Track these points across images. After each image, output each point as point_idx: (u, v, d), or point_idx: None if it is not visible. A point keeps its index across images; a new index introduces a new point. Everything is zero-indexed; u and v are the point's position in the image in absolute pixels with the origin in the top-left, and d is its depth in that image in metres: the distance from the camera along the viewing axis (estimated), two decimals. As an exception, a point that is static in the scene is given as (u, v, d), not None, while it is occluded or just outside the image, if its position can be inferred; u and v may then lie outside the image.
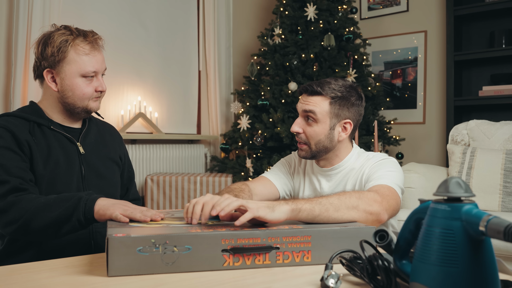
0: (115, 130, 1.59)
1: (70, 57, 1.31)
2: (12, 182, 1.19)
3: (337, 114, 1.40)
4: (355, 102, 1.43)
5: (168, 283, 0.84)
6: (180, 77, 3.96)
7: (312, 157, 1.45)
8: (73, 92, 1.33)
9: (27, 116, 1.32)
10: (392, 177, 1.32)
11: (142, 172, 3.48)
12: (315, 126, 1.40)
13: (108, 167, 1.44)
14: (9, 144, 1.25)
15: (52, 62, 1.31)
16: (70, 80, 1.32)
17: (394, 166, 1.38)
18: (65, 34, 1.31)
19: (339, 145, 1.45)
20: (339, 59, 3.39)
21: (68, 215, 1.14)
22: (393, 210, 1.26)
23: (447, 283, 0.62)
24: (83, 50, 1.32)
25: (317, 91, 1.40)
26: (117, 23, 3.47)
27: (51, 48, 1.30)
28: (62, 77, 1.32)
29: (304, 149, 1.44)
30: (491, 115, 3.28)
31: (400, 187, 1.33)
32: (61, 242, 1.29)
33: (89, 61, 1.32)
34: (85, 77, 1.33)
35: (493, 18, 3.46)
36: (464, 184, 0.64)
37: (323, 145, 1.41)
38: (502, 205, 2.41)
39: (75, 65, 1.31)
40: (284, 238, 0.94)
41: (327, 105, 1.39)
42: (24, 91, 2.77)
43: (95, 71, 1.34)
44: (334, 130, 1.41)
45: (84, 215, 1.13)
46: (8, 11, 2.82)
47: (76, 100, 1.34)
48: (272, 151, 3.49)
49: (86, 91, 1.34)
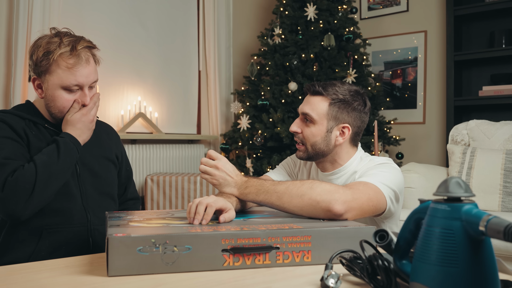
0: (112, 130, 1.58)
1: (53, 69, 1.28)
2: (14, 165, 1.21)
3: (336, 117, 1.37)
4: (357, 107, 1.39)
5: (168, 283, 0.84)
6: (180, 77, 3.96)
7: (309, 159, 1.43)
8: (54, 103, 1.31)
9: (22, 114, 1.33)
10: (381, 177, 1.27)
11: (142, 172, 3.48)
12: (312, 127, 1.39)
13: (104, 166, 1.44)
14: (8, 134, 1.26)
15: (37, 71, 1.30)
16: (52, 91, 1.30)
17: (389, 169, 1.32)
18: (52, 43, 1.28)
19: (338, 150, 1.41)
20: (339, 59, 3.39)
21: (71, 164, 1.28)
22: (361, 206, 1.18)
23: (447, 283, 0.63)
24: (66, 64, 1.27)
25: (319, 91, 1.39)
26: (117, 23, 3.47)
27: (36, 56, 1.29)
28: (45, 86, 1.30)
29: (301, 149, 1.43)
30: (491, 115, 3.28)
31: (389, 188, 1.27)
32: (59, 239, 1.30)
33: (71, 75, 1.28)
34: (68, 90, 1.30)
35: (493, 18, 3.46)
36: (464, 184, 0.64)
37: (319, 147, 1.38)
38: (502, 205, 2.41)
39: (57, 77, 1.28)
40: (284, 238, 0.94)
41: (326, 106, 1.37)
42: (24, 91, 2.77)
43: (78, 85, 1.30)
44: (331, 133, 1.38)
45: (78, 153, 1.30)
46: (8, 11, 2.82)
47: (57, 111, 1.32)
48: (272, 151, 3.49)
49: (67, 104, 1.31)
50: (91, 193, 1.38)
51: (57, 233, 1.30)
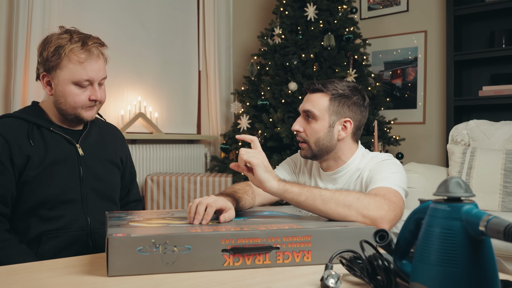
0: (118, 131, 1.57)
1: (64, 63, 1.28)
2: None
3: (337, 112, 1.40)
4: (356, 101, 1.42)
5: (168, 283, 0.84)
6: (180, 77, 3.96)
7: (313, 157, 1.44)
8: (65, 99, 1.31)
9: (27, 117, 1.32)
10: (397, 180, 1.29)
11: (142, 172, 3.48)
12: (314, 124, 1.40)
13: (107, 170, 1.43)
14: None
15: (47, 66, 1.30)
16: (63, 86, 1.30)
17: (398, 167, 1.35)
18: (63, 39, 1.29)
19: (341, 145, 1.42)
20: (339, 59, 3.39)
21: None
22: (397, 219, 1.21)
23: (447, 283, 0.62)
24: (77, 58, 1.28)
25: (318, 88, 1.41)
26: (117, 23, 3.47)
27: (47, 52, 1.29)
28: (55, 82, 1.30)
29: (304, 147, 1.43)
30: (491, 115, 3.28)
31: (404, 190, 1.30)
32: (59, 244, 1.29)
33: (82, 70, 1.29)
34: (79, 85, 1.30)
35: (493, 18, 3.46)
36: (464, 184, 0.64)
37: (323, 143, 1.40)
38: (502, 205, 2.41)
39: (68, 72, 1.28)
40: (284, 238, 0.94)
41: (326, 101, 1.40)
42: (24, 91, 2.77)
43: (89, 80, 1.31)
44: (334, 128, 1.40)
45: None
46: (8, 11, 2.82)
47: (67, 107, 1.32)
48: (272, 151, 3.49)
49: (78, 100, 1.31)
50: (92, 197, 1.37)
51: (57, 238, 1.29)
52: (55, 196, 1.29)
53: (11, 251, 1.21)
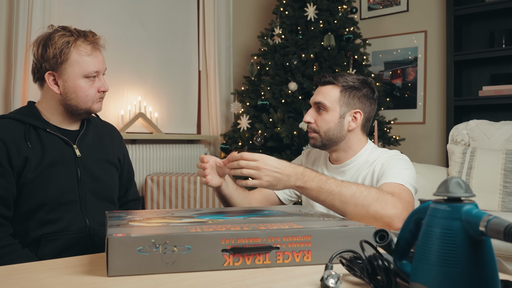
0: (115, 131, 1.57)
1: (73, 58, 1.30)
2: None
3: (347, 103, 1.44)
4: (366, 93, 1.47)
5: (168, 283, 0.84)
6: (180, 77, 3.96)
7: (323, 146, 1.46)
8: (76, 94, 1.32)
9: (23, 118, 1.31)
10: (407, 176, 1.32)
11: (142, 172, 3.47)
12: (325, 115, 1.43)
13: (105, 170, 1.43)
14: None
15: (54, 64, 1.30)
16: (73, 82, 1.31)
17: (408, 164, 1.38)
18: (65, 35, 1.30)
19: (351, 136, 1.45)
20: (339, 59, 3.39)
21: None
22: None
23: (447, 283, 0.62)
24: (85, 51, 1.31)
25: (329, 81, 1.45)
26: (117, 23, 3.47)
27: (53, 50, 1.29)
28: (64, 79, 1.31)
29: (314, 137, 1.46)
30: (491, 115, 3.28)
31: (414, 187, 1.33)
32: (58, 246, 1.29)
33: (91, 62, 1.32)
34: (88, 78, 1.33)
35: (493, 18, 3.46)
36: (464, 184, 0.64)
37: (333, 133, 1.43)
38: (502, 205, 2.41)
39: (78, 66, 1.31)
40: (284, 238, 0.94)
41: (337, 93, 1.43)
42: (24, 91, 2.77)
43: (97, 71, 1.34)
44: (344, 119, 1.43)
45: None
46: (8, 11, 2.82)
47: (79, 102, 1.34)
48: (272, 151, 3.48)
49: (89, 93, 1.34)
50: (91, 198, 1.37)
51: (56, 241, 1.29)
52: (53, 198, 1.29)
53: (15, 255, 1.21)
